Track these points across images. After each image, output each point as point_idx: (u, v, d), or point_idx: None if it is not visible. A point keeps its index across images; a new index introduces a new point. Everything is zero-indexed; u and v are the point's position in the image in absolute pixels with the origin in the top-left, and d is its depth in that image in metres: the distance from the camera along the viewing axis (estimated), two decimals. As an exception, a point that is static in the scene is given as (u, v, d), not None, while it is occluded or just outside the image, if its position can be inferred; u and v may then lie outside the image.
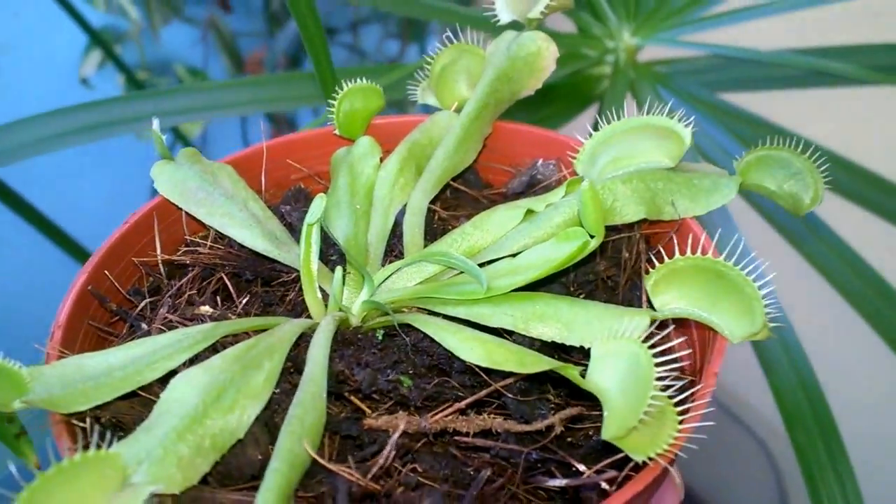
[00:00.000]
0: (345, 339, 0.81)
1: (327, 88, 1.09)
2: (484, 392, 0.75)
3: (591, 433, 0.74)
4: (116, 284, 0.89)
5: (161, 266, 0.93)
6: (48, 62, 2.16)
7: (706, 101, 1.30)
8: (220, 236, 0.94)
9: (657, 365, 0.64)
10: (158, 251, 0.93)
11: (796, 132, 1.18)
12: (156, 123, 0.95)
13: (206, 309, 0.80)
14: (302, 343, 0.80)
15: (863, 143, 1.39)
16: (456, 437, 0.74)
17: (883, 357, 1.15)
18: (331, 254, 0.91)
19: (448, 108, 1.03)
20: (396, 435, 0.72)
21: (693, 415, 0.65)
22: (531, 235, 0.86)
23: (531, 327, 0.77)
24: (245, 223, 0.90)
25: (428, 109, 1.07)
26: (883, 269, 1.18)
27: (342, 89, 0.99)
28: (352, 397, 0.78)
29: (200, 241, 0.95)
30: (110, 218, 0.93)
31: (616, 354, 0.68)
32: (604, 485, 0.66)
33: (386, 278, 0.85)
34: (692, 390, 0.68)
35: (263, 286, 0.92)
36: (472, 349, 0.74)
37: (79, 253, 1.50)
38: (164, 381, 0.72)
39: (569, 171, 1.00)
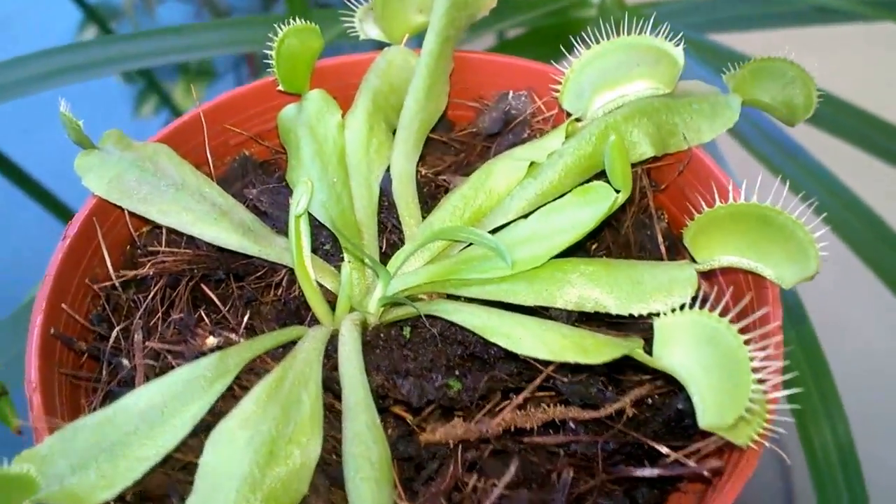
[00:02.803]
0: (368, 342, 0.75)
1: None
2: (538, 381, 0.72)
3: (655, 408, 0.72)
4: (75, 316, 0.77)
5: (116, 282, 0.81)
6: (44, 38, 2.09)
7: (696, 41, 1.26)
8: (175, 233, 0.83)
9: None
10: (110, 266, 0.81)
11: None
12: (63, 105, 0.81)
13: (211, 341, 0.70)
14: (325, 358, 0.73)
15: (857, 83, 1.38)
16: (518, 436, 0.71)
17: (861, 276, 1.19)
18: (318, 240, 0.82)
19: (397, 41, 0.93)
20: (458, 448, 0.69)
21: (776, 381, 0.64)
22: (537, 191, 0.82)
23: (568, 300, 0.74)
24: (208, 217, 0.80)
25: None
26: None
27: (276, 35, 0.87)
28: (396, 409, 0.73)
29: (153, 243, 0.84)
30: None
31: (689, 330, 0.66)
32: (704, 472, 0.65)
33: (399, 267, 0.78)
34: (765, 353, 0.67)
35: (237, 282, 0.83)
36: (521, 340, 0.70)
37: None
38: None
39: (543, 102, 0.94)
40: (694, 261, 0.76)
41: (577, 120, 0.86)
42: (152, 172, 0.82)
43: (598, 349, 0.68)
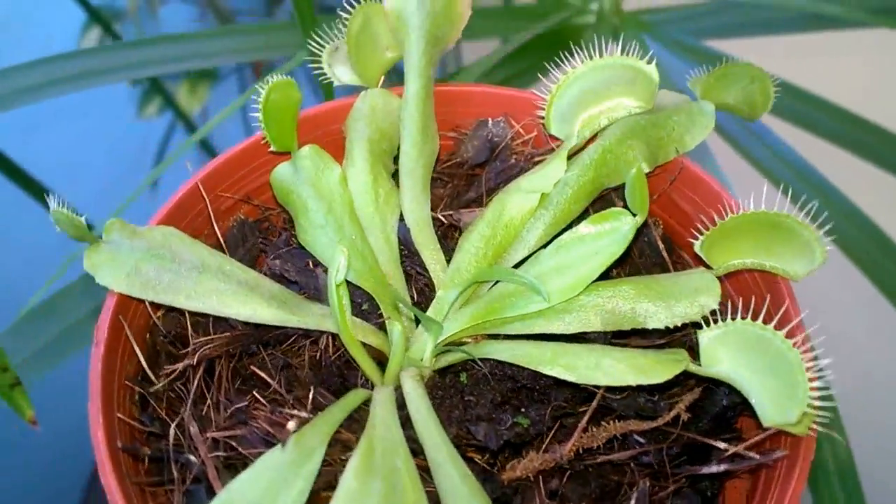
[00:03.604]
0: (431, 394, 0.79)
1: (306, 30, 1.02)
2: (595, 402, 0.78)
3: (700, 408, 0.80)
4: (127, 421, 0.77)
5: (157, 380, 0.81)
6: (47, 39, 2.10)
7: (693, 48, 1.32)
8: (199, 314, 0.84)
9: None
10: (143, 362, 0.81)
11: (783, 77, 1.23)
12: (53, 203, 0.80)
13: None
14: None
15: (854, 88, 1.43)
16: (588, 457, 0.77)
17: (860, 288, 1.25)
18: (352, 300, 0.85)
19: (373, 83, 0.96)
20: (538, 479, 0.74)
21: (818, 371, 0.73)
22: (549, 221, 0.88)
23: (607, 322, 0.80)
24: (238, 296, 0.81)
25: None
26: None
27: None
28: (470, 453, 0.77)
29: (177, 328, 0.84)
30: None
31: (735, 338, 0.74)
32: (770, 462, 0.74)
33: (445, 316, 0.82)
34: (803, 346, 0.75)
35: (268, 351, 0.85)
36: (579, 369, 0.76)
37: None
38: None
39: (521, 126, 0.99)
40: (708, 267, 0.84)
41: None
42: (170, 259, 0.82)
43: (654, 368, 0.75)
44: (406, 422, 0.76)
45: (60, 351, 1.05)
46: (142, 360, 0.81)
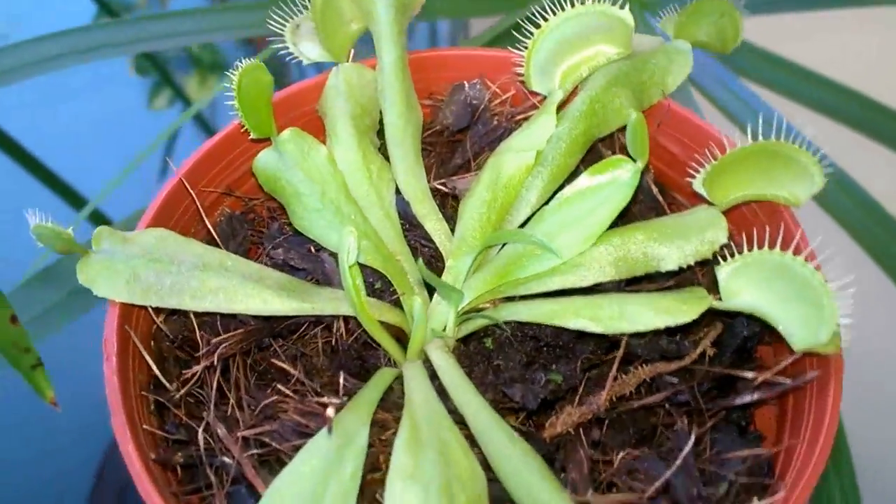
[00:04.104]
0: (461, 363, 0.79)
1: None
2: (622, 350, 0.80)
3: (721, 343, 0.82)
4: (151, 430, 0.76)
5: (165, 382, 0.79)
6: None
7: None
8: (206, 314, 0.82)
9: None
10: (155, 369, 0.79)
11: (786, 57, 1.22)
12: (33, 216, 0.77)
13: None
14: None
15: (860, 66, 1.44)
16: (621, 405, 0.79)
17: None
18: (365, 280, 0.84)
19: (341, 58, 0.95)
20: (578, 432, 0.76)
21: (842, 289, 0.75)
22: (547, 178, 0.88)
23: (621, 269, 0.82)
24: (246, 290, 0.80)
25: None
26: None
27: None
28: (508, 418, 0.78)
29: (184, 331, 0.82)
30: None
31: (756, 269, 0.76)
32: (802, 384, 0.76)
33: (463, 283, 0.82)
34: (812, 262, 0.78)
35: (281, 342, 0.84)
36: (604, 319, 0.77)
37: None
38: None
39: (497, 86, 0.99)
40: (709, 204, 0.86)
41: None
42: (168, 261, 0.80)
43: (679, 309, 0.77)
44: (440, 394, 0.76)
45: (64, 315, 1.06)
46: (154, 367, 0.79)
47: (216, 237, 0.89)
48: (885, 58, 1.82)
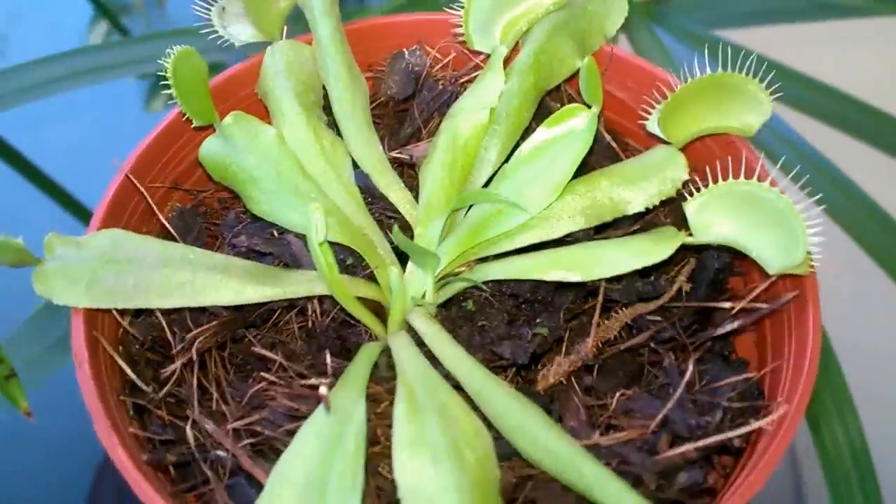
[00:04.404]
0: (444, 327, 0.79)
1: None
2: (601, 296, 0.81)
3: (693, 277, 0.84)
4: (139, 433, 0.73)
5: (142, 384, 0.77)
6: (55, 32, 2.19)
7: (702, 37, 1.31)
8: (172, 311, 0.80)
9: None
10: (130, 372, 0.77)
11: (793, 67, 1.21)
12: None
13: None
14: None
15: (862, 77, 1.44)
16: (607, 350, 0.80)
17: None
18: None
19: (274, 36, 0.93)
20: (570, 381, 0.76)
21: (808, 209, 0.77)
22: (503, 134, 0.88)
23: (591, 216, 0.83)
24: (213, 282, 0.78)
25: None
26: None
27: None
28: (501, 376, 0.78)
29: (152, 331, 0.80)
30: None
31: (724, 200, 0.78)
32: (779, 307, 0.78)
33: (436, 248, 0.82)
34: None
35: (254, 332, 0.83)
36: (582, 266, 0.78)
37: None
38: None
39: (436, 50, 0.99)
40: (664, 143, 0.87)
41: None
42: (126, 261, 0.77)
43: (654, 249, 0.78)
44: (430, 360, 0.76)
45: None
46: (128, 371, 0.77)
47: (172, 232, 0.86)
48: (873, 68, 1.85)
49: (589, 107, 0.84)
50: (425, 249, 0.78)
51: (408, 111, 0.98)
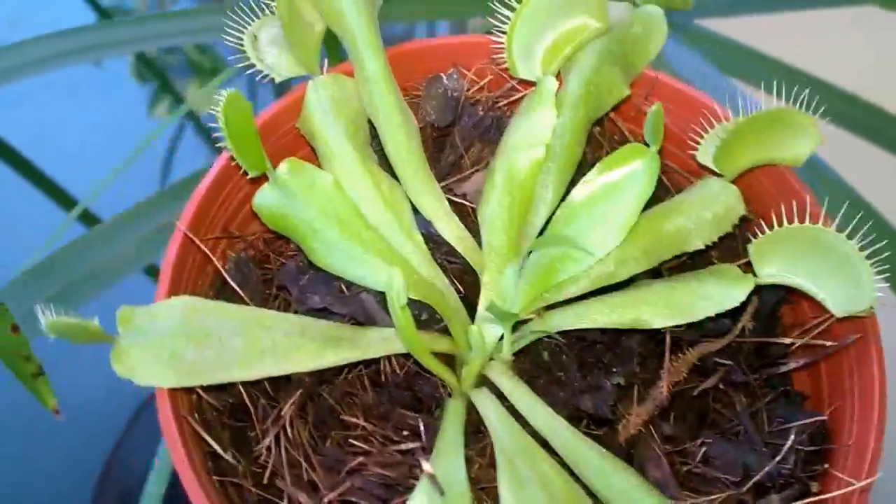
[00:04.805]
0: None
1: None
2: (668, 338, 0.83)
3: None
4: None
5: (230, 458, 0.77)
6: None
7: (684, 27, 1.26)
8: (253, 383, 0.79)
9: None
10: (219, 450, 0.76)
11: (774, 56, 1.19)
12: (44, 317, 0.72)
13: (427, 466, 0.71)
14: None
15: (844, 67, 1.41)
16: (680, 395, 0.83)
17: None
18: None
19: (313, 68, 0.90)
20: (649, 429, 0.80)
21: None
22: (557, 170, 0.89)
23: (654, 257, 0.84)
24: (293, 347, 0.77)
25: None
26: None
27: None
28: (579, 423, 0.80)
29: (232, 401, 0.79)
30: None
31: (790, 242, 0.80)
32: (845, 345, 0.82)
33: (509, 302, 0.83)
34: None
35: (326, 387, 0.83)
36: (653, 319, 0.80)
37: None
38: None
39: (473, 73, 0.98)
40: (719, 175, 0.89)
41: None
42: (203, 333, 0.76)
43: (727, 294, 0.80)
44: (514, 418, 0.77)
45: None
46: (215, 446, 0.76)
47: (233, 284, 0.84)
48: (856, 57, 1.85)
49: (648, 145, 0.85)
50: (507, 312, 0.79)
51: (447, 137, 0.96)
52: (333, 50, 0.98)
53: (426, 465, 0.71)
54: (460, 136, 0.95)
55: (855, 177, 1.28)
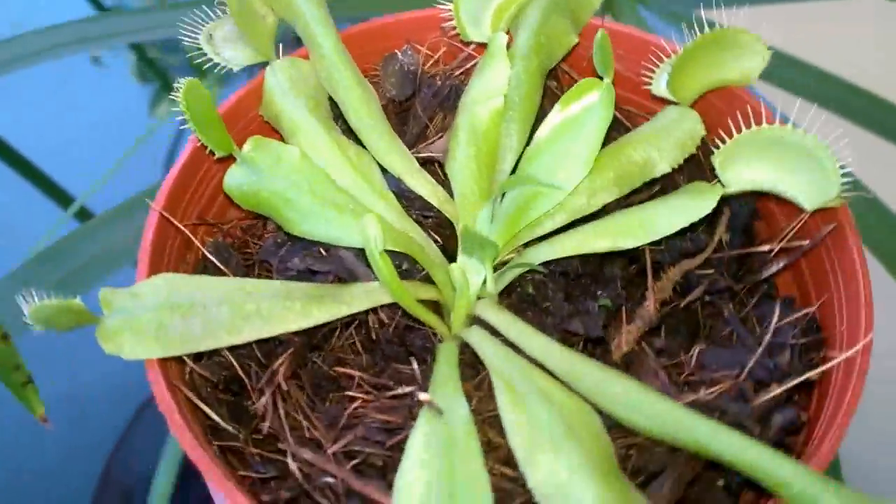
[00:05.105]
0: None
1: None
2: (649, 260, 0.84)
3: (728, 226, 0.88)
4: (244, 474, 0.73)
5: (228, 426, 0.77)
6: None
7: (687, 17, 1.29)
8: (241, 347, 0.79)
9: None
10: (217, 419, 0.76)
11: (776, 47, 1.24)
12: (27, 304, 0.73)
13: (423, 395, 0.71)
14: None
15: (850, 59, 1.43)
16: (667, 310, 0.84)
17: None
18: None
19: (269, 55, 0.93)
20: (641, 346, 0.80)
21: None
22: (518, 118, 0.91)
23: (625, 184, 0.86)
24: (281, 308, 0.78)
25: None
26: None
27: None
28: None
29: (225, 372, 0.79)
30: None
31: (750, 147, 0.82)
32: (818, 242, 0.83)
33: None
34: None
35: (317, 353, 0.83)
36: (630, 236, 0.81)
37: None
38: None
39: (426, 47, 1.00)
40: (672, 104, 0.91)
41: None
42: (189, 304, 0.76)
43: (696, 205, 0.82)
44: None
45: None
46: (211, 414, 0.76)
47: (218, 264, 0.85)
48: (859, 47, 1.88)
49: (601, 78, 0.87)
50: (486, 239, 0.79)
51: (409, 111, 0.99)
52: (289, 48, 1.00)
53: (423, 395, 0.71)
54: (421, 107, 0.98)
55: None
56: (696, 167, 0.92)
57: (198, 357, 0.80)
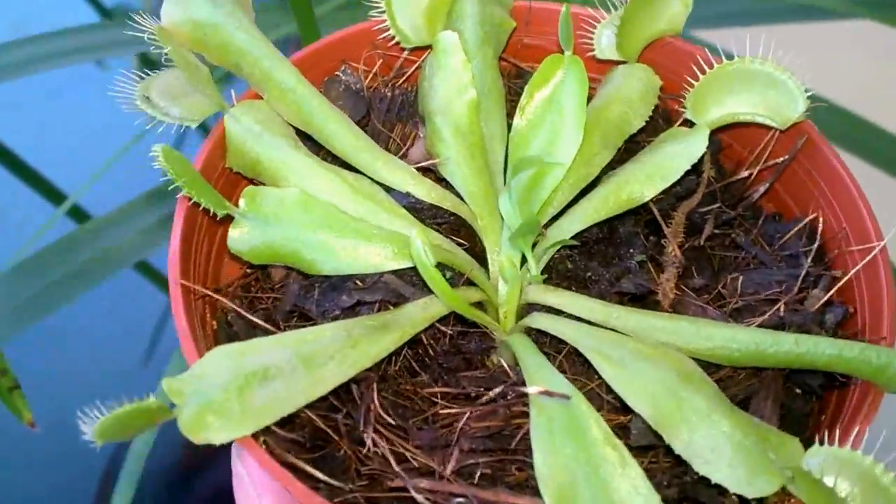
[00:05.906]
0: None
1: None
2: (656, 209, 0.89)
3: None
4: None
5: (334, 482, 0.74)
6: None
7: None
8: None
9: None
10: (325, 477, 0.73)
11: None
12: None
13: (531, 389, 0.71)
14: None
15: (836, 82, 1.42)
16: (686, 252, 0.89)
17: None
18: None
19: (218, 104, 0.90)
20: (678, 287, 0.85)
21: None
22: (492, 106, 0.93)
23: (609, 148, 0.91)
24: (350, 351, 0.76)
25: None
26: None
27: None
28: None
29: (310, 426, 0.76)
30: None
31: (714, 84, 0.89)
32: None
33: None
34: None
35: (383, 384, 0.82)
36: (643, 187, 0.87)
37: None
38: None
39: (363, 61, 1.00)
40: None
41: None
42: (262, 370, 0.72)
43: (689, 148, 0.88)
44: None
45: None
46: (319, 475, 0.73)
47: (258, 321, 0.81)
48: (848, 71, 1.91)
49: (563, 52, 0.91)
50: (533, 219, 0.81)
51: (366, 128, 0.97)
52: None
53: (532, 389, 0.72)
54: (380, 122, 0.97)
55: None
56: (652, 128, 0.97)
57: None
